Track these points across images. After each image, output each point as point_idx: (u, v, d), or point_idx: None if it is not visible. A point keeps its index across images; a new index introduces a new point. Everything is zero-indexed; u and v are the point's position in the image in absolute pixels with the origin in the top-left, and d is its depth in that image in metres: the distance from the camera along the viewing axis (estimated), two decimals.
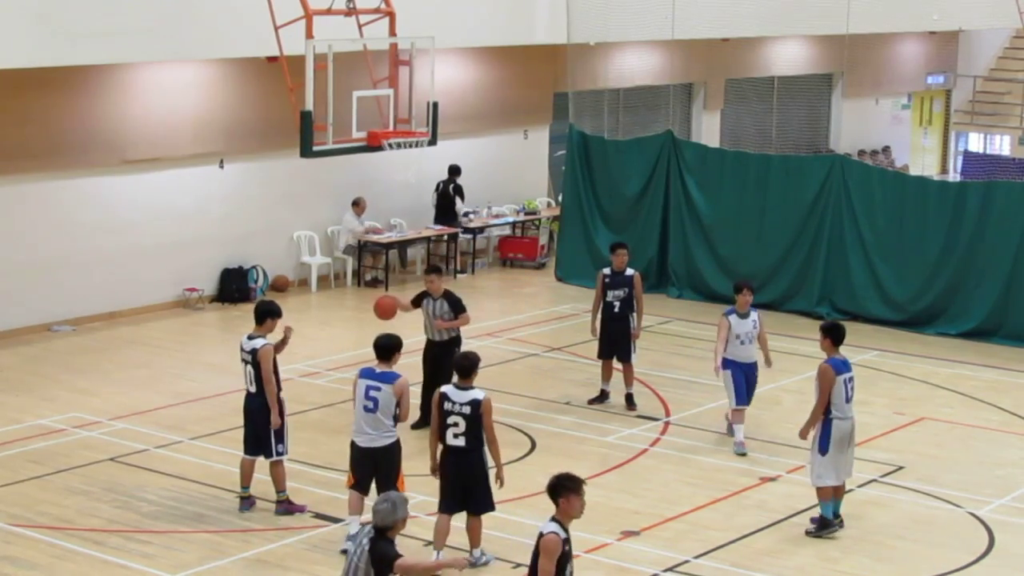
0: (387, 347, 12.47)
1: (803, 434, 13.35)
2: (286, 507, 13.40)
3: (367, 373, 12.42)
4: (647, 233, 23.58)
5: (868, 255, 21.69)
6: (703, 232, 23.15)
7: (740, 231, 22.76)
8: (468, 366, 12.01)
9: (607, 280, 16.90)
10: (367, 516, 12.67)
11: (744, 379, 15.56)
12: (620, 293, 16.85)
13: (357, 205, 23.74)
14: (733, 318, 15.51)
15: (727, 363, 15.54)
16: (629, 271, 16.94)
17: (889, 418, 16.97)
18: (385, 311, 15.37)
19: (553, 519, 9.14)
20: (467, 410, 11.85)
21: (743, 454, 15.46)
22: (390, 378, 12.33)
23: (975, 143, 36.73)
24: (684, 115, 31.07)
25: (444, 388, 12.06)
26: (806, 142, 33.17)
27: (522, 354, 19.46)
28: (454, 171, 25.03)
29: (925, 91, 36.89)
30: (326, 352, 19.27)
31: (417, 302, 16.06)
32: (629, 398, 17.11)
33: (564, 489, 9.14)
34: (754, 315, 15.67)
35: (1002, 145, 36.30)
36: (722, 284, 22.88)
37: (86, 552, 12.59)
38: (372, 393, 12.29)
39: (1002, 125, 36.17)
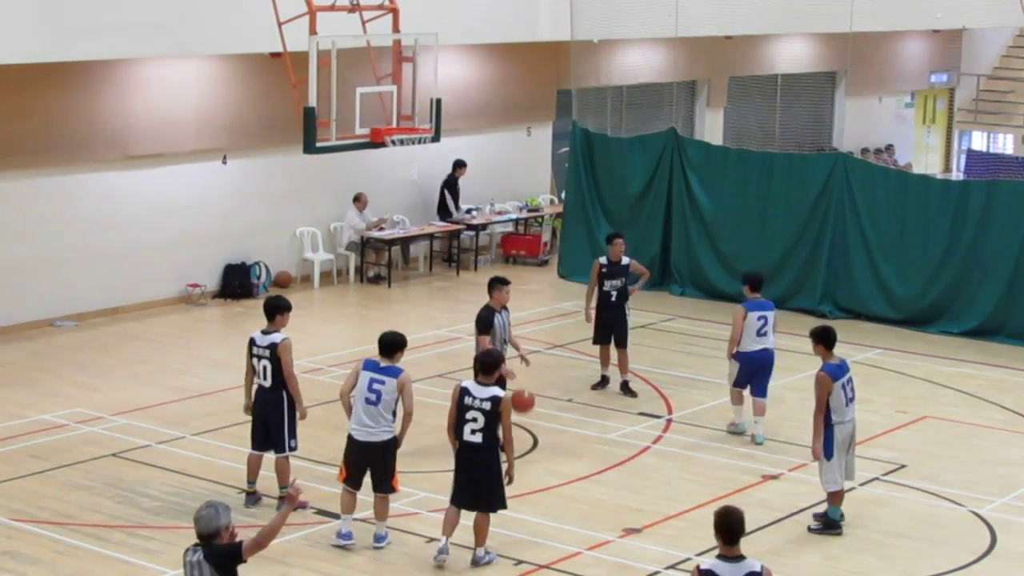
0: (392, 343, 12.51)
1: (815, 453, 13.11)
2: None
3: (371, 365, 12.42)
4: (650, 230, 23.56)
5: (871, 253, 21.68)
6: (706, 230, 23.15)
7: (743, 229, 22.75)
8: (491, 363, 12.12)
9: (604, 270, 17.16)
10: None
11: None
12: (617, 283, 17.14)
13: (358, 201, 23.74)
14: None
15: None
16: (625, 260, 17.20)
17: (891, 416, 16.97)
18: (525, 406, 14.61)
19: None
20: (487, 406, 11.89)
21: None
22: (394, 372, 12.37)
23: (978, 142, 36.69)
24: (687, 113, 31.05)
25: (465, 383, 12.12)
26: (809, 140, 33.16)
27: (524, 351, 19.42)
28: (454, 165, 25.10)
29: (928, 89, 36.85)
30: (329, 348, 19.26)
31: (488, 327, 14.89)
32: (625, 385, 17.34)
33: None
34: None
35: (1005, 144, 36.26)
36: (725, 282, 22.89)
37: (88, 547, 12.60)
38: (375, 386, 12.31)
39: (1005, 124, 36.13)
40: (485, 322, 14.94)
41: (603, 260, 17.25)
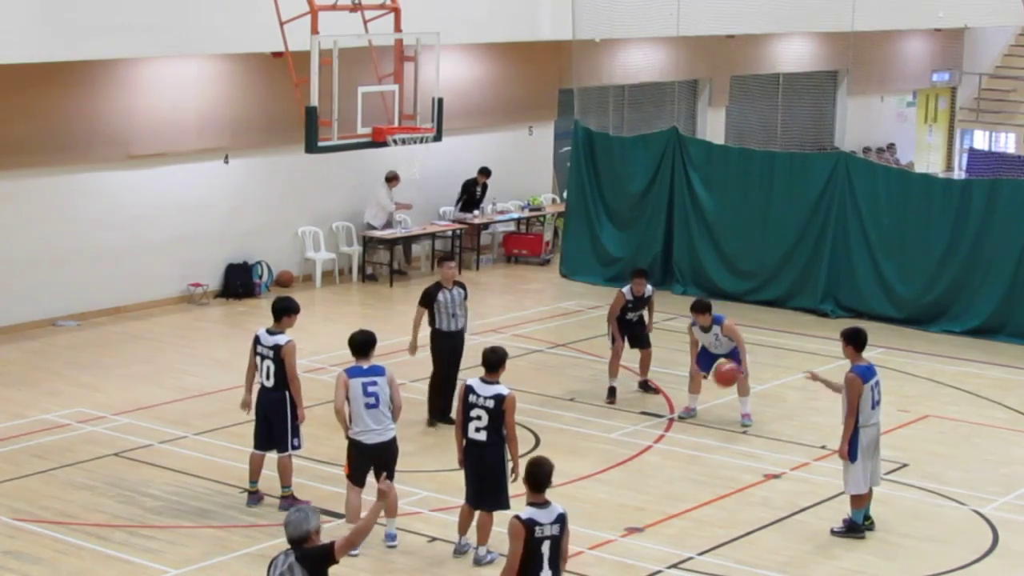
0: (367, 342, 12.58)
1: (843, 453, 12.98)
2: (290, 502, 13.39)
3: (356, 372, 12.42)
4: (652, 230, 23.56)
5: (873, 252, 21.67)
6: (708, 229, 23.13)
7: (745, 228, 22.74)
8: (496, 360, 12.14)
9: (629, 304, 17.20)
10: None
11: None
12: (640, 312, 17.40)
13: (391, 180, 23.67)
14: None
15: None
16: (647, 291, 17.34)
17: (894, 415, 16.91)
18: (727, 380, 15.93)
19: None
20: (490, 404, 11.93)
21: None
22: (379, 371, 12.46)
23: (980, 141, 36.68)
24: (689, 112, 31.05)
25: (470, 381, 12.17)
26: (811, 139, 33.13)
27: (526, 350, 19.45)
28: (477, 171, 25.43)
29: (930, 88, 36.85)
30: (330, 347, 19.24)
31: (429, 302, 15.79)
32: (645, 384, 17.53)
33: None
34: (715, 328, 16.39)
35: (1007, 143, 36.24)
36: (726, 281, 22.89)
37: (90, 547, 12.59)
38: (371, 389, 12.32)
39: (1007, 123, 36.12)
40: (425, 296, 15.76)
41: (627, 293, 17.18)
